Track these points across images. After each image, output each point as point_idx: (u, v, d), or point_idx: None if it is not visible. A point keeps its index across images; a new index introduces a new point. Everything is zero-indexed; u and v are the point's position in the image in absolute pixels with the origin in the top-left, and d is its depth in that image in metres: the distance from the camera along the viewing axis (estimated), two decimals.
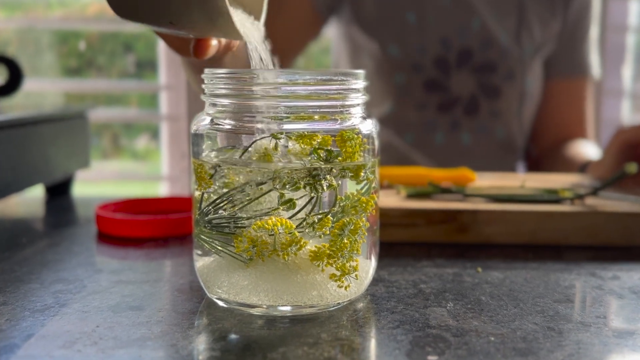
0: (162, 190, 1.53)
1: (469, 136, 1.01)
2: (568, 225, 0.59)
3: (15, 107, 0.83)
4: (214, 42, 0.49)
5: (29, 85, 1.51)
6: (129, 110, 1.75)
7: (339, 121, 0.42)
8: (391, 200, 0.63)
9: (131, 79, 1.74)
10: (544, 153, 1.08)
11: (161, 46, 1.45)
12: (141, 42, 1.84)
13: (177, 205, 0.71)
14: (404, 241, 0.59)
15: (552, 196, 0.63)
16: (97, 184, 1.70)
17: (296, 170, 0.40)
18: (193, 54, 0.49)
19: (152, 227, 0.62)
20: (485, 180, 0.73)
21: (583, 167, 0.89)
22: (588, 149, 1.01)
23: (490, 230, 0.59)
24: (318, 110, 0.41)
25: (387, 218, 0.59)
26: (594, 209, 0.59)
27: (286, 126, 0.41)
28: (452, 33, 0.99)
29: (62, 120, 0.76)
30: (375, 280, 0.49)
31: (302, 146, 0.41)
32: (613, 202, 0.62)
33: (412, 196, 0.64)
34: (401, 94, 1.01)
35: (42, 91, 1.58)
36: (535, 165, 1.11)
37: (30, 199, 0.85)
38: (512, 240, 0.59)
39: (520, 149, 1.07)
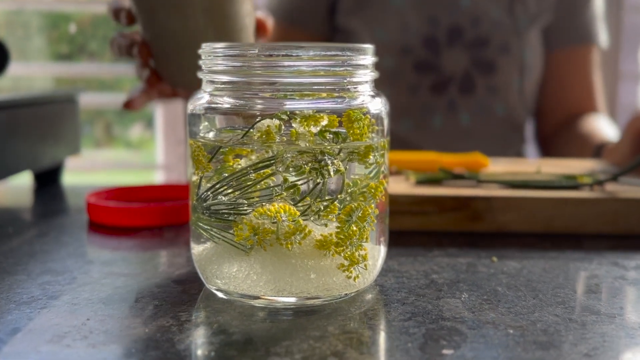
0: (157, 179, 1.52)
1: (468, 116, 1.00)
2: (587, 213, 0.58)
3: (0, 90, 0.82)
4: None
5: (18, 70, 1.50)
6: (123, 96, 1.74)
7: (346, 99, 0.40)
8: (400, 186, 0.61)
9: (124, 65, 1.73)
10: (553, 131, 1.07)
11: None
12: (135, 27, 1.82)
13: (173, 193, 0.70)
14: (413, 229, 0.58)
15: (570, 182, 0.62)
16: (89, 173, 1.69)
17: (301, 153, 0.39)
18: None
19: (146, 216, 0.60)
20: (498, 166, 0.72)
21: (598, 149, 0.88)
22: (602, 126, 0.99)
23: (506, 218, 0.58)
24: (324, 87, 0.40)
25: (396, 205, 0.57)
26: (615, 196, 0.58)
27: (290, 105, 0.40)
28: (440, 11, 0.98)
29: (51, 103, 0.74)
30: (384, 271, 0.47)
31: (307, 128, 0.39)
32: (634, 189, 0.61)
33: (422, 182, 0.63)
34: (392, 78, 0.99)
35: (31, 76, 1.56)
36: (545, 145, 1.09)
37: (18, 187, 0.84)
38: (528, 229, 0.58)
39: (524, 126, 1.05)
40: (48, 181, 0.82)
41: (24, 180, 0.86)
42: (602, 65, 1.17)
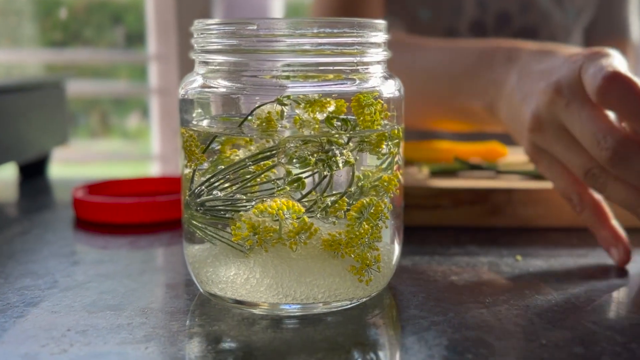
0: (153, 170, 1.49)
1: None
2: (617, 205, 0.54)
3: None
4: None
5: (9, 57, 1.47)
6: (117, 83, 1.70)
7: (356, 82, 0.37)
8: (412, 178, 0.58)
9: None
10: None
11: (149, 14, 1.40)
12: (131, 14, 1.79)
13: (167, 186, 0.66)
14: (427, 225, 0.55)
15: None
16: (81, 165, 1.66)
17: (305, 142, 0.35)
18: None
19: (137, 211, 0.57)
20: (518, 155, 0.69)
21: None
22: None
23: (528, 212, 0.54)
24: (331, 68, 0.36)
25: (408, 199, 0.54)
26: None
27: (293, 88, 0.36)
28: None
29: (36, 90, 0.71)
30: (398, 272, 0.44)
31: (312, 114, 0.36)
32: None
33: (436, 173, 0.60)
34: None
35: (22, 63, 1.53)
36: None
37: (0, 180, 0.81)
38: (552, 224, 0.54)
39: None
40: (34, 173, 0.79)
41: (7, 173, 0.83)
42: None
